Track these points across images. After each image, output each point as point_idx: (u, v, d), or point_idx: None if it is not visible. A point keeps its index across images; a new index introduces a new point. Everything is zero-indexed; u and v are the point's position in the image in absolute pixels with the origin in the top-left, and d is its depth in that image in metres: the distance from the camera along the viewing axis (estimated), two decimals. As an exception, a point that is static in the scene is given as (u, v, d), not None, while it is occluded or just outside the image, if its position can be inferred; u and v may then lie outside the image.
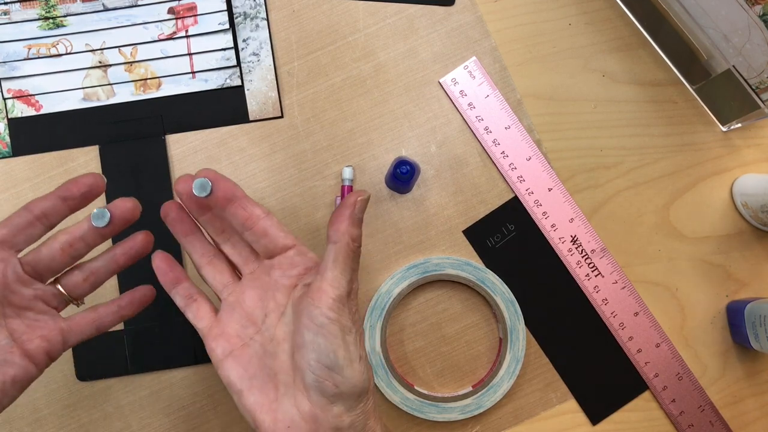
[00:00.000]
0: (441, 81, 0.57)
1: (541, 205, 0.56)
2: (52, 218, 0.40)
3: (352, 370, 0.37)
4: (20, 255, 0.40)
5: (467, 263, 0.55)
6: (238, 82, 0.57)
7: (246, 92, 0.57)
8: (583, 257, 0.56)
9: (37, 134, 0.56)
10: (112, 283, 0.55)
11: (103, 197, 0.56)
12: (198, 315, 0.42)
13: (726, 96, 0.55)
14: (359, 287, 0.56)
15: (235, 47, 0.57)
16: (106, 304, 0.43)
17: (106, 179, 0.41)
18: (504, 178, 0.57)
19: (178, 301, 0.43)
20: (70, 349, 0.55)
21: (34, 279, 0.40)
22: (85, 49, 0.56)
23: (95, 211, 0.40)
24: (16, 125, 0.56)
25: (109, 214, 0.40)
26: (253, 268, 0.43)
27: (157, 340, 0.55)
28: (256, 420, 0.38)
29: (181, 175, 0.41)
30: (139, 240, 0.42)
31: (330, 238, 0.38)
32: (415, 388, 0.55)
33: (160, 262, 0.43)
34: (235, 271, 0.44)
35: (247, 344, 0.41)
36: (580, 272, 0.56)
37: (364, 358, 0.37)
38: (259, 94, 0.57)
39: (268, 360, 0.40)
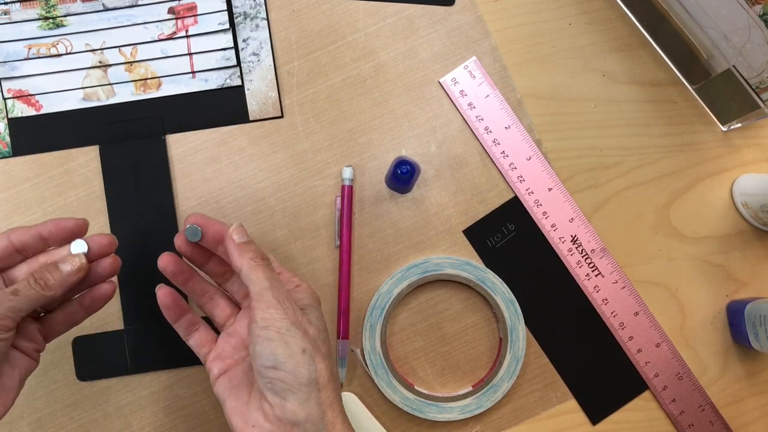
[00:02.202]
0: (441, 81, 0.57)
1: (541, 205, 0.56)
2: (28, 252, 0.44)
3: (294, 362, 0.40)
4: None
5: (467, 263, 0.55)
6: (238, 82, 0.57)
7: (246, 92, 0.57)
8: (583, 257, 0.56)
9: (37, 134, 0.56)
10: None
11: (103, 199, 0.56)
12: (199, 343, 0.48)
13: (726, 96, 0.55)
14: (360, 285, 0.56)
15: (235, 47, 0.57)
16: (71, 303, 0.46)
17: (89, 222, 0.45)
18: (504, 178, 0.57)
19: (181, 331, 0.48)
20: (71, 350, 0.55)
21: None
22: (85, 49, 0.56)
23: (76, 241, 0.44)
24: (16, 125, 0.56)
25: (86, 247, 0.44)
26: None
27: (157, 340, 0.55)
28: (231, 422, 0.43)
29: (178, 233, 0.46)
30: (104, 289, 0.46)
31: (237, 272, 0.43)
32: (415, 387, 0.55)
33: (164, 297, 0.47)
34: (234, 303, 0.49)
35: (238, 363, 0.46)
36: (580, 272, 0.56)
37: (309, 350, 0.40)
38: (259, 94, 0.57)
39: (250, 373, 0.44)
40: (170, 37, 0.57)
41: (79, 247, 0.44)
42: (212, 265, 0.48)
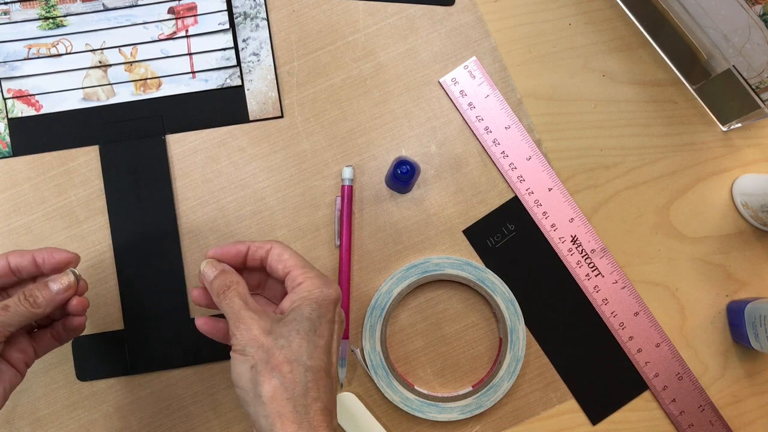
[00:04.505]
0: (441, 81, 0.57)
1: (541, 205, 0.56)
2: (23, 274, 0.46)
3: (244, 379, 0.42)
4: None
5: (467, 263, 0.55)
6: (238, 82, 0.57)
7: (246, 92, 0.57)
8: (583, 257, 0.56)
9: (37, 134, 0.56)
10: (112, 283, 0.55)
11: (103, 199, 0.56)
12: None
13: (726, 96, 0.55)
14: (360, 285, 0.56)
15: (235, 47, 0.57)
16: (54, 325, 0.48)
17: (80, 257, 0.48)
18: (504, 178, 0.57)
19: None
20: (71, 350, 0.55)
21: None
22: (85, 49, 0.56)
23: (67, 271, 0.46)
24: (16, 125, 0.56)
25: (74, 276, 0.46)
26: None
27: (157, 340, 0.55)
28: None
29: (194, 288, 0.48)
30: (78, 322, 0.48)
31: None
32: (415, 388, 0.55)
33: (202, 326, 0.47)
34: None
35: None
36: (580, 272, 0.56)
37: (257, 366, 0.41)
38: (259, 94, 0.57)
39: None
40: (170, 37, 0.57)
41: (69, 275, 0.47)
42: (247, 280, 0.47)
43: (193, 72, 0.57)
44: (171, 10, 0.57)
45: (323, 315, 0.43)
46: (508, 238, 0.57)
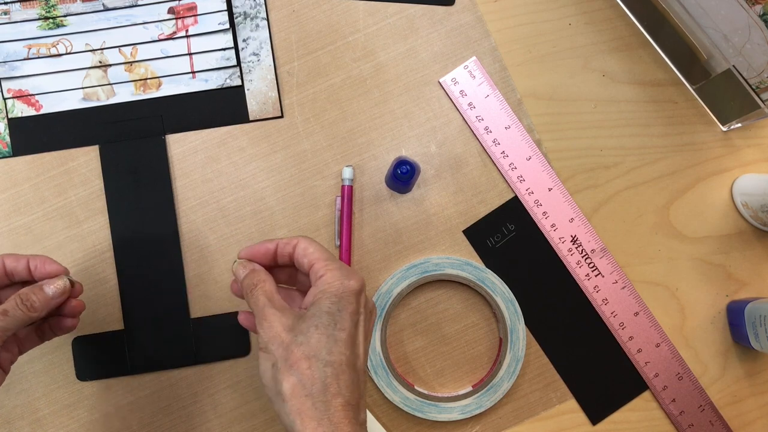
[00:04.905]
0: (441, 81, 0.57)
1: (541, 205, 0.56)
2: (15, 278, 0.47)
3: (267, 376, 0.42)
4: None
5: (467, 263, 0.55)
6: (238, 82, 0.57)
7: (246, 92, 0.57)
8: (583, 257, 0.56)
9: (37, 134, 0.56)
10: (112, 283, 0.55)
11: (103, 199, 0.56)
12: None
13: (726, 96, 0.55)
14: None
15: (235, 47, 0.57)
16: (41, 325, 0.49)
17: (70, 271, 0.49)
18: (504, 178, 0.57)
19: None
20: (71, 350, 0.55)
21: None
22: (85, 49, 0.56)
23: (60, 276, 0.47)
24: (16, 125, 0.56)
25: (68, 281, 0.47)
26: None
27: (157, 340, 0.55)
28: None
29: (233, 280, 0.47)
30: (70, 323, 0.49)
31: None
32: (415, 388, 0.55)
33: (244, 321, 0.48)
34: None
35: None
36: (580, 272, 0.56)
37: (278, 364, 0.42)
38: (259, 94, 0.57)
39: None
40: (170, 37, 0.57)
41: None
42: (279, 276, 0.48)
43: (193, 72, 0.57)
44: (171, 10, 0.57)
45: (344, 307, 0.42)
46: (508, 238, 0.57)
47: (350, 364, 0.41)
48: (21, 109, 0.56)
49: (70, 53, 0.56)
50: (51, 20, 0.56)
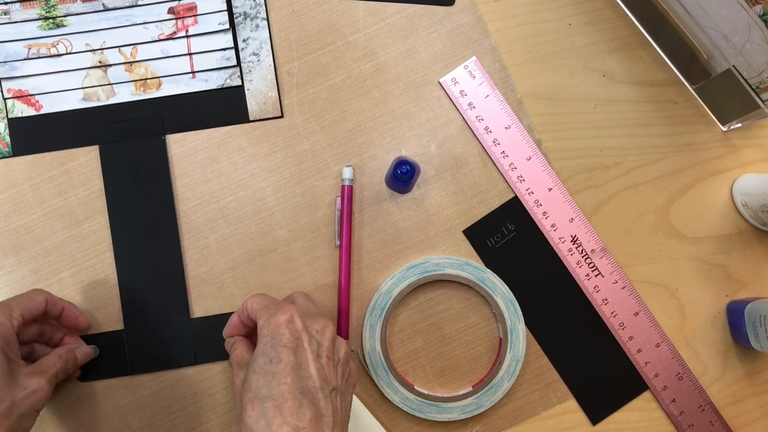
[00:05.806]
0: (441, 81, 0.57)
1: (541, 205, 0.56)
2: (46, 317, 0.52)
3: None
4: None
5: (467, 263, 0.55)
6: (238, 82, 0.57)
7: (246, 92, 0.57)
8: (583, 257, 0.56)
9: (37, 134, 0.56)
10: (112, 283, 0.55)
11: (103, 199, 0.56)
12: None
13: (726, 96, 0.55)
14: (360, 285, 0.56)
15: (235, 47, 0.57)
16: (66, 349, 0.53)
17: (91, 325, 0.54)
18: (504, 178, 0.57)
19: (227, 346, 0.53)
20: (70, 349, 0.55)
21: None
22: (85, 49, 0.56)
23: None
24: (16, 125, 0.56)
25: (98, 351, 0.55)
26: None
27: (157, 340, 0.55)
28: None
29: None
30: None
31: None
32: (415, 388, 0.55)
33: (233, 329, 0.52)
34: None
35: None
36: (580, 272, 0.56)
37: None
38: (259, 94, 0.57)
39: None
40: (170, 37, 0.57)
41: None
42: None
43: (193, 72, 0.57)
44: (171, 10, 0.57)
45: (277, 342, 0.45)
46: (508, 238, 0.57)
47: (295, 390, 0.43)
48: (21, 109, 0.56)
49: (70, 53, 0.56)
50: (51, 20, 0.56)
